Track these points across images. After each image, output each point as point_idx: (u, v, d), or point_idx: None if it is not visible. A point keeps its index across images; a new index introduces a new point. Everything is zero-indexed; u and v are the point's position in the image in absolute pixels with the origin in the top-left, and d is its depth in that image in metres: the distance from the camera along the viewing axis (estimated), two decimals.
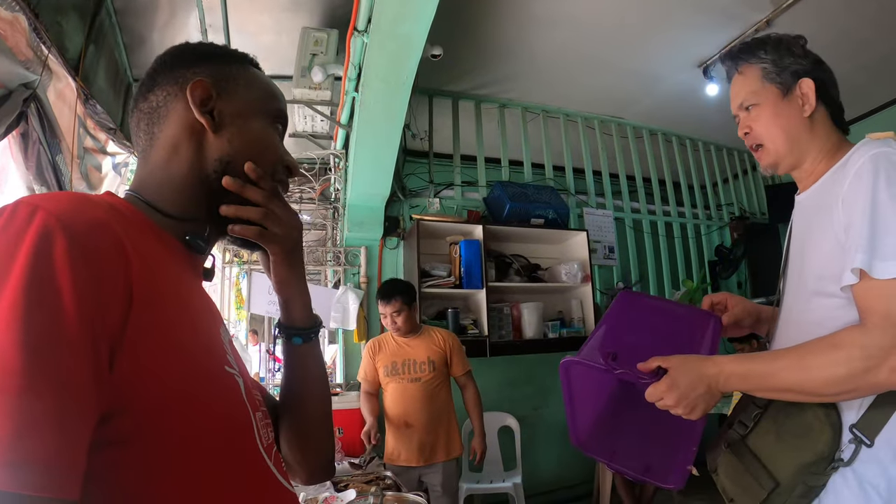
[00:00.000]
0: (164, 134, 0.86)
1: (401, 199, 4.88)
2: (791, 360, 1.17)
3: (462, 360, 3.54)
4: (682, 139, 6.35)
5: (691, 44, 4.62)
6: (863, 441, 1.16)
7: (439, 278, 4.42)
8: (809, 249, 1.36)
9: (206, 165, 0.86)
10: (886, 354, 1.06)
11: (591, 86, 5.20)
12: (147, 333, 0.64)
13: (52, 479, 0.52)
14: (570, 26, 4.30)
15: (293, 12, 3.84)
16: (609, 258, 5.51)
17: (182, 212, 0.84)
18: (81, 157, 3.11)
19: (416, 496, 2.16)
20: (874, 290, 1.11)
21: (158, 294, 0.68)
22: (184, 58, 0.91)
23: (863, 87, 5.29)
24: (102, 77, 3.47)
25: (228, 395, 0.77)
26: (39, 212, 0.58)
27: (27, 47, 2.45)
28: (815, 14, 4.18)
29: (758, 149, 1.45)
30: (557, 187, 5.44)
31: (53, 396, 0.53)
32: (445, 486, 3.32)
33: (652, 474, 1.44)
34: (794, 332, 1.34)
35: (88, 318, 0.57)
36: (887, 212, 1.11)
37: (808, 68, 1.40)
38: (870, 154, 1.19)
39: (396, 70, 3.32)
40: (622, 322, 1.52)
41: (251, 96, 0.92)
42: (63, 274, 0.56)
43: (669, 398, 1.21)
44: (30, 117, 2.56)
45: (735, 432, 1.33)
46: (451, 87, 5.20)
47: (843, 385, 1.10)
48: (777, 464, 1.23)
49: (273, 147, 0.94)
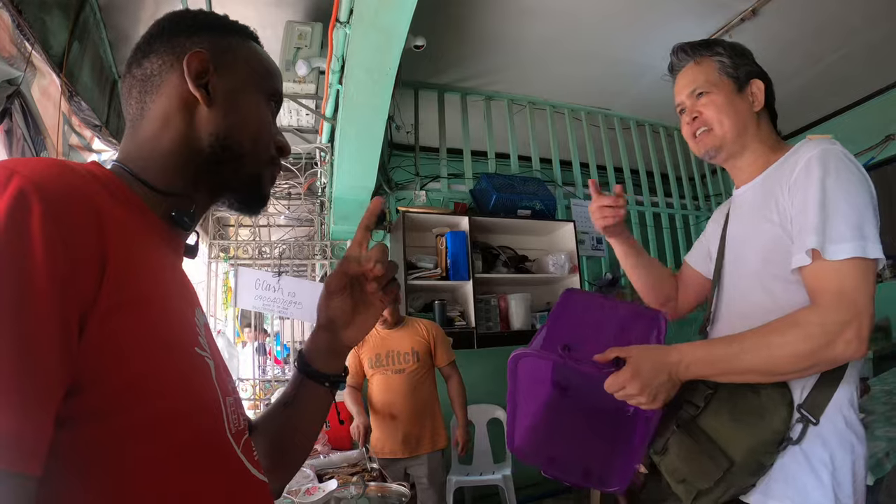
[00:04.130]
0: (156, 105, 0.84)
1: (387, 192, 4.88)
2: (753, 342, 1.23)
3: (446, 350, 3.56)
4: (670, 130, 6.36)
5: (677, 34, 4.58)
6: (809, 420, 1.25)
7: (426, 270, 4.43)
8: (752, 236, 1.44)
9: (199, 140, 0.83)
10: (841, 329, 1.15)
11: (577, 77, 5.20)
12: (118, 305, 0.62)
13: (15, 453, 0.51)
14: (555, 17, 4.30)
15: (277, 6, 3.84)
16: (597, 249, 5.53)
17: (169, 186, 0.82)
18: (66, 154, 3.11)
19: (399, 486, 2.17)
20: (825, 270, 1.20)
21: (133, 266, 0.66)
22: (183, 26, 0.88)
23: (849, 76, 5.35)
24: (87, 74, 3.46)
25: (197, 376, 0.75)
26: (16, 177, 0.57)
27: (10, 44, 2.45)
28: (800, 3, 4.22)
29: (702, 133, 1.52)
30: (545, 179, 5.46)
31: (18, 367, 0.52)
32: (431, 478, 3.33)
33: (592, 479, 1.47)
34: (740, 315, 1.42)
35: (59, 287, 0.56)
36: (836, 199, 1.21)
37: (758, 72, 1.51)
38: (819, 148, 1.30)
39: (380, 61, 3.32)
40: (565, 319, 1.53)
41: (249, 72, 0.90)
42: (36, 242, 0.55)
43: (632, 387, 1.23)
44: (14, 114, 2.56)
45: (686, 412, 1.35)
46: (437, 79, 5.20)
47: (805, 361, 1.18)
48: (732, 443, 1.27)
49: (267, 125, 0.91)
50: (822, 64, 5.07)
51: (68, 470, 0.59)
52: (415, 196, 5.00)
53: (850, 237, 1.18)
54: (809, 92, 5.51)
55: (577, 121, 5.90)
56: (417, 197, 4.99)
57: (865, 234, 1.18)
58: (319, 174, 4.84)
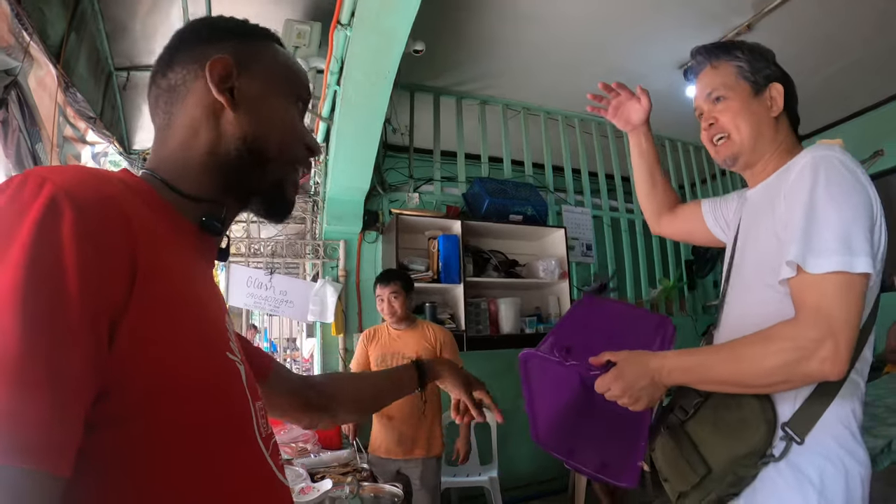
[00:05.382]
0: (182, 114, 0.84)
1: (380, 194, 4.89)
2: (728, 353, 1.24)
3: (453, 357, 3.48)
4: (662, 139, 6.41)
5: (672, 45, 4.68)
6: (794, 439, 1.23)
7: (417, 272, 4.43)
8: (749, 243, 1.44)
9: (226, 145, 0.84)
10: (816, 346, 1.11)
11: (572, 84, 5.21)
12: (149, 312, 0.63)
13: (43, 452, 0.51)
14: (552, 24, 4.33)
15: (276, 4, 3.84)
16: (587, 255, 5.55)
17: (199, 192, 0.83)
18: (61, 145, 3.10)
19: (392, 487, 2.18)
20: (806, 284, 1.17)
21: (164, 273, 0.67)
22: (204, 34, 0.88)
23: (841, 90, 5.41)
24: (83, 65, 3.44)
25: (228, 382, 0.76)
26: (48, 184, 0.58)
27: (8, 33, 2.45)
28: (794, 19, 4.28)
29: (720, 140, 1.49)
30: (536, 184, 5.48)
31: (49, 375, 0.52)
32: (424, 480, 3.32)
33: (607, 472, 1.50)
34: (735, 324, 1.42)
35: (90, 296, 0.56)
36: (824, 210, 1.17)
37: (778, 75, 1.46)
38: (813, 155, 1.27)
39: (379, 64, 3.34)
40: (578, 322, 1.60)
41: (273, 74, 0.90)
42: (68, 249, 0.55)
43: (616, 388, 1.28)
44: (10, 104, 2.55)
45: (675, 416, 1.40)
46: (433, 82, 5.21)
47: (775, 375, 1.16)
48: (712, 452, 1.30)
49: (294, 127, 0.91)
50: (816, 78, 5.13)
51: (97, 473, 0.59)
52: (408, 198, 5.01)
53: (833, 250, 1.13)
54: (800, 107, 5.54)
55: (571, 127, 5.94)
56: (410, 199, 5.00)
57: (853, 248, 1.13)
58: (313, 173, 4.83)
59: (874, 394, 3.45)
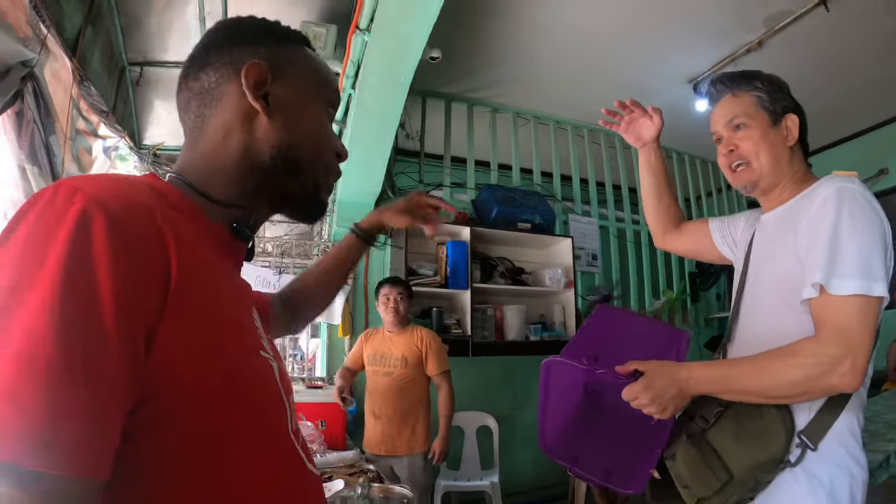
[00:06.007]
0: (215, 118, 0.83)
1: (390, 198, 4.86)
2: (753, 367, 1.31)
3: (438, 360, 3.62)
4: (669, 152, 6.42)
5: (683, 60, 4.70)
6: (808, 446, 1.32)
7: (425, 277, 4.47)
8: (768, 264, 1.52)
9: (260, 152, 0.83)
10: (837, 362, 1.21)
11: (582, 94, 5.24)
12: (185, 318, 0.63)
13: (84, 460, 0.52)
14: (565, 35, 4.35)
15: (292, 5, 3.85)
16: (592, 265, 5.56)
17: (230, 197, 0.82)
18: (73, 138, 3.10)
19: (401, 488, 2.19)
20: (829, 304, 1.26)
21: (197, 279, 0.67)
22: (239, 36, 0.87)
23: (847, 109, 5.43)
24: (98, 59, 3.45)
25: (265, 381, 0.78)
26: (79, 194, 0.58)
27: (26, 24, 2.45)
28: (805, 37, 4.29)
29: (739, 167, 1.56)
30: (544, 193, 5.50)
31: (87, 383, 0.53)
32: (411, 479, 3.43)
33: (613, 480, 1.55)
34: (752, 340, 1.49)
35: (126, 305, 0.57)
36: (847, 238, 1.27)
37: (793, 107, 1.54)
38: (836, 187, 1.35)
39: (395, 70, 3.35)
40: (599, 332, 1.64)
41: (307, 81, 0.89)
42: (102, 259, 0.56)
43: (644, 397, 1.33)
44: (26, 96, 2.55)
45: (696, 425, 1.45)
46: (445, 89, 5.23)
47: (797, 388, 1.26)
48: (733, 459, 1.37)
49: (326, 134, 0.91)
50: (823, 97, 5.12)
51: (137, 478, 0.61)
52: None
53: (855, 275, 1.23)
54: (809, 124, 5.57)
55: (580, 137, 5.95)
56: None
57: (872, 274, 1.23)
58: None
59: (873, 409, 3.50)
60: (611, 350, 1.48)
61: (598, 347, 1.48)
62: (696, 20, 4.18)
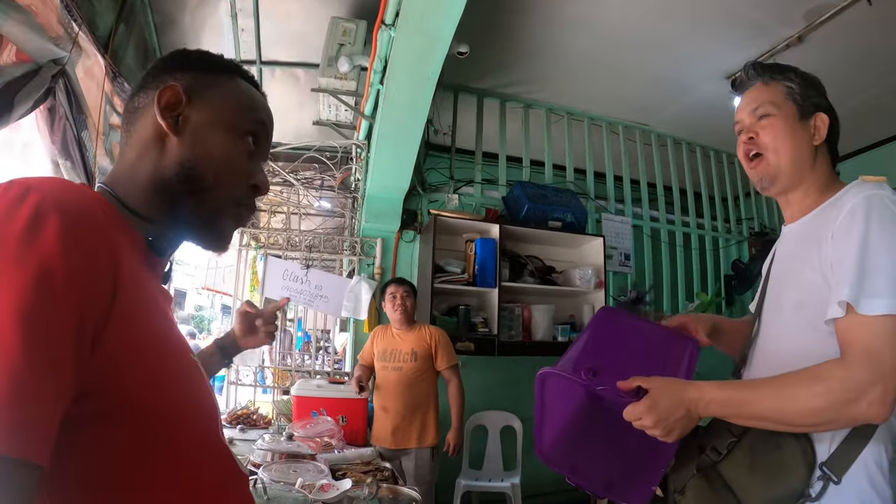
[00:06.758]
0: (137, 134, 0.88)
1: (420, 193, 4.89)
2: (772, 390, 1.19)
3: (446, 355, 3.68)
4: (707, 150, 6.30)
5: (720, 55, 4.58)
6: (831, 479, 1.18)
7: (453, 275, 4.44)
8: (790, 279, 1.39)
9: (167, 168, 0.86)
10: (865, 389, 1.08)
11: (617, 90, 5.18)
12: (128, 320, 0.67)
13: (22, 441, 0.53)
14: (599, 30, 4.29)
15: (323, 1, 3.87)
16: (624, 265, 5.48)
17: (147, 212, 0.85)
18: (107, 133, 3.15)
19: (410, 490, 2.18)
20: (857, 324, 1.13)
21: (135, 284, 0.70)
22: (171, 63, 0.92)
23: (892, 107, 5.22)
24: (131, 56, 3.51)
25: (198, 380, 0.83)
26: (32, 192, 0.60)
27: (58, 24, 2.49)
28: (847, 31, 4.14)
29: (755, 158, 1.45)
30: (577, 191, 5.43)
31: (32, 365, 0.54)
32: (417, 472, 3.50)
33: (614, 491, 1.46)
34: (770, 361, 1.38)
35: (77, 301, 0.59)
36: (877, 251, 1.14)
37: (825, 107, 1.43)
38: (864, 195, 1.22)
39: (422, 65, 3.34)
40: (600, 338, 1.53)
41: (224, 107, 0.92)
42: (55, 251, 0.58)
43: (648, 419, 1.22)
44: (57, 93, 2.60)
45: (707, 458, 1.34)
46: (477, 84, 5.20)
47: (821, 416, 1.13)
48: (748, 494, 1.24)
49: (236, 160, 0.92)
50: (865, 94, 4.94)
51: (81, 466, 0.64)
52: (447, 199, 5.01)
53: (887, 293, 1.11)
54: (850, 122, 5.36)
55: (615, 134, 5.87)
56: (450, 200, 5.00)
57: None
58: (354, 170, 4.85)
59: None
60: (613, 359, 1.40)
61: (600, 356, 1.40)
62: (733, 14, 4.07)
